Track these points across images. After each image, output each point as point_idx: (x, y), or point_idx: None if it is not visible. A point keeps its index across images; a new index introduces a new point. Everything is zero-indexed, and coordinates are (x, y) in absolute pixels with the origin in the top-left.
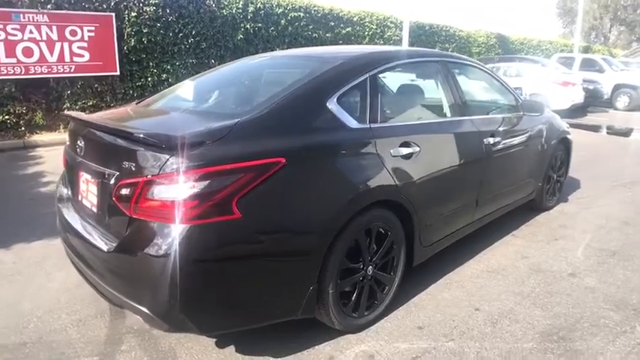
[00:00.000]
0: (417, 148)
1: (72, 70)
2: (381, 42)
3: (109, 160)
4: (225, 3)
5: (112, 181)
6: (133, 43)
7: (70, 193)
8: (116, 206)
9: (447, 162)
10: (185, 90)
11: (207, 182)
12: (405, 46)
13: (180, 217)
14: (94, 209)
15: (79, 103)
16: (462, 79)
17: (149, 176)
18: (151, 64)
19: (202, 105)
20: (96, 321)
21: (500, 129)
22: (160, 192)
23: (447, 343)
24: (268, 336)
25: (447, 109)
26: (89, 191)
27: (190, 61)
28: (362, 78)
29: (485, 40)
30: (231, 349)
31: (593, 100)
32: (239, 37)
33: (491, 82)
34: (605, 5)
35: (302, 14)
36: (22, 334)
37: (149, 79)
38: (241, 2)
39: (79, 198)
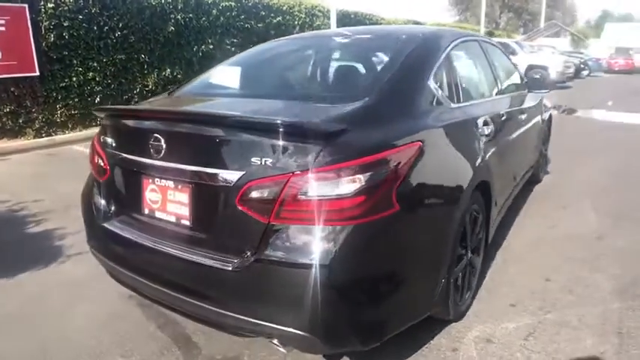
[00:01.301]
0: (492, 127)
1: None
2: (312, 30)
3: (222, 158)
4: None
5: (233, 184)
6: (52, 39)
7: (117, 207)
8: (241, 213)
9: (505, 140)
10: (237, 75)
11: (369, 174)
12: None
13: (344, 216)
14: (185, 222)
15: None
16: (492, 59)
17: (297, 172)
18: (75, 61)
19: (289, 90)
20: (166, 358)
21: (523, 106)
22: (316, 190)
23: (546, 315)
24: None
25: (492, 88)
26: (170, 201)
27: (119, 57)
28: (443, 56)
29: None
30: None
31: None
32: (170, 30)
33: (505, 61)
34: None
35: (233, 4)
36: None
37: (74, 78)
38: None
39: (145, 211)
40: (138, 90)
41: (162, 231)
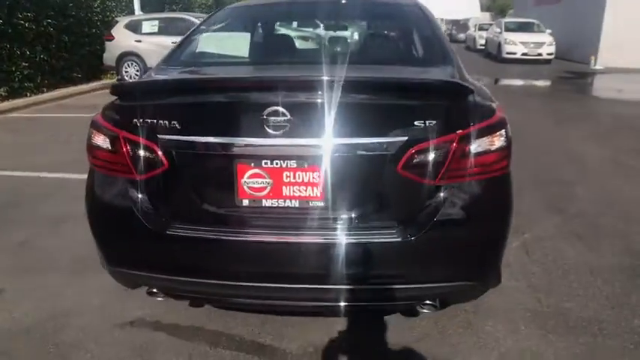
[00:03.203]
0: None
1: None
2: (113, 3)
3: (378, 125)
4: None
5: (395, 151)
6: None
7: (184, 206)
8: (403, 180)
9: None
10: (249, 42)
11: (504, 130)
12: (137, 6)
13: (499, 168)
14: (316, 203)
15: None
16: None
17: (460, 131)
18: None
19: (355, 55)
20: None
21: None
22: (478, 147)
23: (524, 235)
24: None
25: None
26: (290, 184)
27: None
28: None
29: (204, 0)
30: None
31: None
32: None
33: None
34: None
35: None
36: None
37: None
38: None
39: (242, 202)
40: None
41: (278, 221)
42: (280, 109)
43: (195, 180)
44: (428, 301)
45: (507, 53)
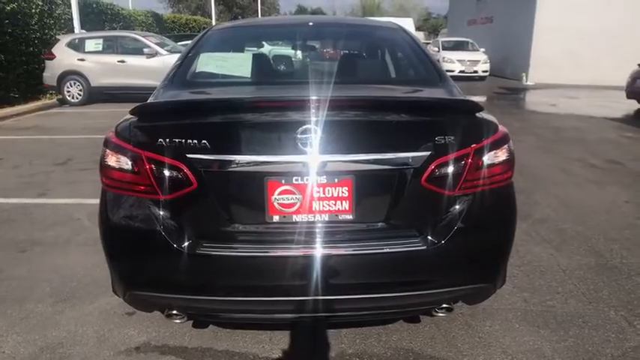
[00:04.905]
0: None
1: None
2: (52, 20)
3: (403, 142)
4: None
5: (420, 165)
6: None
7: (212, 224)
8: (426, 192)
9: None
10: (250, 62)
11: (508, 143)
12: (76, 25)
13: (505, 178)
14: (345, 216)
15: None
16: None
17: (474, 145)
18: None
19: (352, 75)
20: None
21: None
22: (489, 159)
23: None
24: None
25: None
26: (319, 199)
27: None
28: None
29: (144, 19)
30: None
31: None
32: None
33: None
34: None
35: None
36: None
37: None
38: None
39: (273, 218)
40: None
41: (308, 235)
42: (313, 127)
43: (225, 198)
44: (445, 305)
45: (446, 71)
